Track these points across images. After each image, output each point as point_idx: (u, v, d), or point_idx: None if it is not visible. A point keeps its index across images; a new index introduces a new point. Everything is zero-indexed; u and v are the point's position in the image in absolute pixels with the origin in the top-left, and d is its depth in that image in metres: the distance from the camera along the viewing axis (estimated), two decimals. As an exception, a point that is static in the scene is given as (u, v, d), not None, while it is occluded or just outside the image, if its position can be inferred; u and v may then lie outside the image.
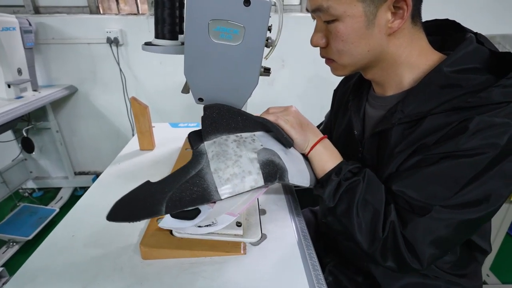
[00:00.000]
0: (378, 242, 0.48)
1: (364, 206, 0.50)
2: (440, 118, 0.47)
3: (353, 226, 0.50)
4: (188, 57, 0.44)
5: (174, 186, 0.47)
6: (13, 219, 1.65)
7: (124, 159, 0.88)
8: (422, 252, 0.46)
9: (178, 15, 0.56)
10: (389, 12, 0.47)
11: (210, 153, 0.51)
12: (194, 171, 0.49)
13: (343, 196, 0.51)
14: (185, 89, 0.58)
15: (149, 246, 0.52)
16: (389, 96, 0.57)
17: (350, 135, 0.64)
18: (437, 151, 0.45)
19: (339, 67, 0.56)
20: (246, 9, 0.40)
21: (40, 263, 0.52)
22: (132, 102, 0.89)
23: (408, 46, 0.51)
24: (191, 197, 0.46)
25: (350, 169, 0.53)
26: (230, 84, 0.46)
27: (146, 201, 0.46)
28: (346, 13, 0.47)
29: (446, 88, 0.47)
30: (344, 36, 0.49)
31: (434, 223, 0.45)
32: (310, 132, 0.58)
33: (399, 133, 0.52)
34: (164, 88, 1.91)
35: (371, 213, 0.49)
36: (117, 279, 0.49)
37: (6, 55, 1.45)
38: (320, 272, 0.53)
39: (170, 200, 0.46)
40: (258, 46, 0.43)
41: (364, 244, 0.49)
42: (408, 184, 0.48)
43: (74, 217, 0.63)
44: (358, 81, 0.67)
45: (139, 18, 1.75)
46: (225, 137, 0.53)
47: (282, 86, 1.86)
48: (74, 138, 2.06)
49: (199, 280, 0.49)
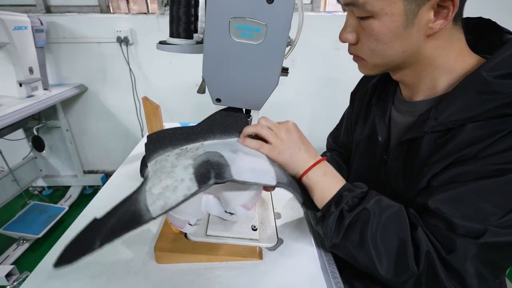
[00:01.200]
0: (411, 277, 0.42)
1: (382, 236, 0.44)
2: (481, 127, 0.42)
3: (372, 262, 0.44)
4: (207, 56, 0.43)
5: (112, 217, 0.43)
6: (23, 217, 1.66)
7: (135, 159, 0.87)
8: (471, 280, 0.40)
9: (194, 14, 0.55)
10: (432, 12, 0.42)
11: (151, 173, 0.47)
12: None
13: (349, 230, 0.46)
14: (201, 89, 0.57)
15: (164, 250, 0.51)
16: (419, 101, 0.52)
17: (374, 142, 0.60)
18: (487, 164, 0.40)
19: (369, 66, 0.51)
20: (269, 6, 0.38)
21: (53, 265, 0.51)
22: (144, 101, 0.88)
23: (446, 47, 0.47)
24: (122, 223, 0.40)
25: (354, 196, 0.47)
26: (250, 84, 0.45)
27: (84, 240, 0.43)
28: (384, 11, 0.43)
29: (485, 94, 0.42)
30: (378, 35, 0.45)
31: (487, 247, 0.39)
32: (303, 155, 0.52)
33: (431, 142, 0.47)
34: (174, 88, 1.90)
35: (395, 244, 0.44)
36: (131, 283, 0.48)
37: (18, 54, 1.46)
38: (340, 279, 0.51)
39: (105, 232, 0.41)
40: (280, 45, 0.41)
41: (391, 276, 0.44)
42: (450, 201, 0.42)
43: (87, 217, 0.62)
44: (382, 82, 0.63)
45: (149, 18, 1.74)
46: (168, 153, 0.50)
47: (292, 86, 1.84)
48: (84, 137, 2.07)
49: (216, 286, 0.47)
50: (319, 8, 1.78)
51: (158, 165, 0.48)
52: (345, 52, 0.55)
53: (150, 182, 0.44)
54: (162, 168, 0.46)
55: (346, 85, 1.89)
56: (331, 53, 1.76)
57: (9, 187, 1.71)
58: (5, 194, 1.68)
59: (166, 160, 0.48)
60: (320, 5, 1.77)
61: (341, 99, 0.88)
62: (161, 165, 0.47)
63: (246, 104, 0.49)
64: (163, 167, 0.46)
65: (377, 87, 0.64)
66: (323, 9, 1.81)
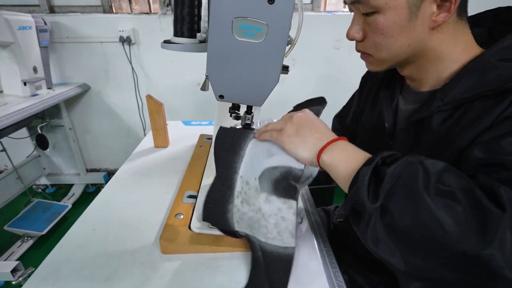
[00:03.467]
0: (496, 224, 0.30)
1: (439, 186, 0.33)
2: (488, 101, 0.43)
3: (437, 222, 0.31)
4: (211, 54, 0.45)
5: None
6: (27, 214, 1.69)
7: (139, 156, 0.89)
8: None
9: (197, 14, 0.57)
10: (435, 5, 0.44)
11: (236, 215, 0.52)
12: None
13: (395, 185, 0.35)
14: (204, 87, 0.59)
15: (169, 240, 0.53)
16: (425, 91, 0.54)
17: (380, 128, 0.61)
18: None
19: (376, 62, 0.53)
20: (270, 6, 0.40)
21: (62, 256, 0.53)
22: (148, 99, 0.90)
23: (451, 41, 0.48)
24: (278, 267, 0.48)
25: (386, 154, 0.39)
26: (251, 81, 0.46)
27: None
28: (388, 5, 0.44)
29: (493, 71, 0.43)
30: (384, 29, 0.47)
31: None
32: (312, 138, 0.47)
33: (441, 120, 0.48)
34: (175, 87, 1.92)
35: (461, 193, 0.33)
36: (138, 272, 0.50)
37: (22, 53, 1.48)
38: (338, 269, 0.53)
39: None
40: (281, 43, 0.43)
41: (468, 241, 0.30)
42: (498, 150, 0.38)
43: (93, 212, 0.65)
44: (390, 73, 0.64)
45: (151, 17, 1.76)
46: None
47: (292, 85, 1.86)
48: (87, 136, 2.09)
49: (219, 275, 0.49)
50: (319, 8, 1.80)
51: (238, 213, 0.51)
52: (344, 51, 0.57)
53: (260, 237, 0.49)
54: (251, 223, 0.50)
55: (345, 84, 1.91)
56: (331, 52, 1.78)
57: (13, 185, 1.73)
58: (9, 192, 1.71)
59: (245, 213, 0.51)
60: (320, 5, 1.79)
61: (341, 97, 0.90)
62: (245, 218, 0.51)
63: (248, 101, 0.50)
64: (254, 222, 0.49)
65: (386, 77, 0.65)
66: (323, 9, 1.83)
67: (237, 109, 0.55)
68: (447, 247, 0.32)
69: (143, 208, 0.65)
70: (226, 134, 0.53)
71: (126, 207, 0.66)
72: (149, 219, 0.62)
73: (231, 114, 0.55)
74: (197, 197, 0.65)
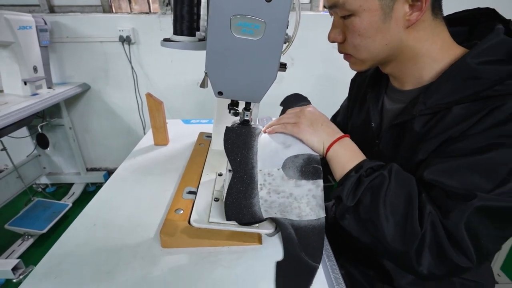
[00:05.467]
0: (414, 237, 0.43)
1: (392, 199, 0.45)
2: (466, 108, 0.45)
3: (380, 223, 0.45)
4: (210, 51, 0.46)
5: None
6: (27, 213, 1.70)
7: (139, 154, 0.90)
8: (466, 245, 0.41)
9: (196, 13, 0.58)
10: (407, 5, 0.47)
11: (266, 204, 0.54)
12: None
13: (365, 193, 0.47)
14: (203, 84, 0.60)
15: (169, 234, 0.54)
16: (408, 90, 0.56)
17: (367, 127, 0.64)
18: (473, 142, 0.43)
19: (358, 62, 0.56)
20: (267, 4, 0.41)
21: (64, 251, 0.54)
22: (148, 98, 0.91)
23: (429, 39, 0.50)
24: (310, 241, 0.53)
25: (371, 166, 0.49)
26: (250, 78, 0.47)
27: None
28: (362, 8, 0.47)
29: (470, 80, 0.46)
30: (360, 30, 0.49)
31: (477, 212, 0.41)
32: (325, 132, 0.55)
33: (421, 124, 0.51)
34: (175, 86, 1.93)
35: (403, 205, 0.45)
36: (138, 266, 0.51)
37: (22, 53, 1.49)
38: (335, 262, 0.54)
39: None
40: (278, 41, 0.44)
41: (395, 242, 0.44)
42: (443, 172, 0.44)
43: (93, 208, 0.66)
44: (376, 72, 0.66)
45: (150, 17, 1.77)
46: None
47: (291, 84, 1.87)
48: (87, 135, 2.10)
49: (219, 268, 0.50)
50: (317, 8, 1.81)
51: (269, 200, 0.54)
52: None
53: (293, 217, 0.54)
54: (282, 208, 0.54)
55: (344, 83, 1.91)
56: (330, 51, 1.79)
57: (13, 184, 1.74)
58: (10, 191, 1.72)
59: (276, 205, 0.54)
60: (319, 5, 1.80)
61: (339, 96, 0.91)
62: (280, 204, 0.54)
63: (246, 97, 0.51)
64: (285, 206, 0.54)
65: (372, 77, 0.67)
66: (322, 9, 1.84)
67: (235, 106, 0.56)
68: (384, 244, 0.46)
69: (143, 204, 0.66)
70: (233, 132, 0.55)
71: (127, 203, 0.67)
72: (149, 214, 0.63)
73: (230, 111, 0.56)
74: (196, 193, 0.66)
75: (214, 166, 0.77)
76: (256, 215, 0.54)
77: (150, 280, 0.48)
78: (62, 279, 0.48)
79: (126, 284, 0.47)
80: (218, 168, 0.75)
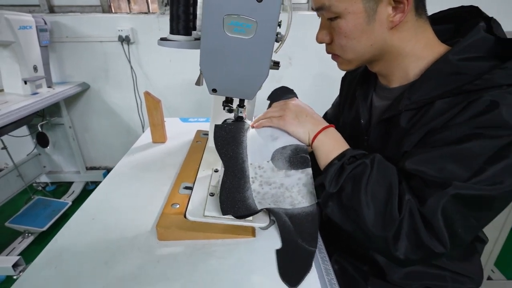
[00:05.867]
0: (393, 223, 0.44)
1: (374, 187, 0.46)
2: (447, 102, 0.48)
3: (361, 210, 0.46)
4: (204, 50, 0.47)
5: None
6: (28, 211, 1.71)
7: (137, 151, 0.92)
8: (441, 232, 0.43)
9: (192, 12, 0.60)
10: (390, 7, 0.48)
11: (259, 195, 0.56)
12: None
13: (347, 180, 0.49)
14: (198, 82, 0.62)
15: (165, 227, 0.55)
16: (395, 88, 0.58)
17: (357, 124, 0.66)
18: (453, 132, 0.45)
19: (345, 62, 0.58)
20: (258, 4, 0.43)
21: (64, 243, 0.56)
22: (146, 96, 0.93)
23: (412, 38, 0.52)
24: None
25: (354, 154, 0.51)
26: (242, 75, 0.49)
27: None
28: (347, 10, 0.49)
29: (452, 75, 0.48)
30: (346, 32, 0.51)
31: (453, 199, 0.42)
32: (309, 123, 0.57)
33: (408, 118, 0.53)
34: (174, 85, 1.95)
35: (384, 193, 0.46)
36: (135, 257, 0.52)
37: (23, 52, 1.51)
38: (326, 254, 0.55)
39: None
40: (269, 39, 0.45)
41: (376, 228, 0.46)
42: (423, 162, 0.46)
43: (92, 203, 0.67)
44: (365, 70, 0.68)
45: (149, 17, 1.79)
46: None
47: (289, 83, 1.86)
48: (86, 134, 2.12)
49: (212, 259, 0.52)
50: (315, 8, 1.83)
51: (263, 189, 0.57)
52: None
53: (286, 206, 0.56)
54: (275, 198, 0.56)
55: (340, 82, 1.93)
56: (327, 51, 1.81)
57: (14, 182, 1.76)
58: (10, 189, 1.73)
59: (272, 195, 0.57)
60: (316, 5, 1.82)
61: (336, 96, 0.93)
62: (272, 194, 0.56)
63: (240, 94, 0.53)
64: (278, 196, 0.56)
65: (362, 75, 0.69)
66: (319, 9, 1.86)
67: (230, 103, 0.58)
68: (364, 230, 0.47)
69: (141, 199, 0.68)
70: (222, 130, 0.57)
71: (125, 198, 0.69)
72: (147, 208, 0.64)
73: (224, 107, 0.58)
74: (192, 188, 0.67)
75: (210, 163, 0.78)
76: (251, 207, 0.55)
77: (146, 270, 0.50)
78: (61, 269, 0.50)
79: (123, 274, 0.49)
80: (214, 164, 0.77)
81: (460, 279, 0.61)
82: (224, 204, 0.55)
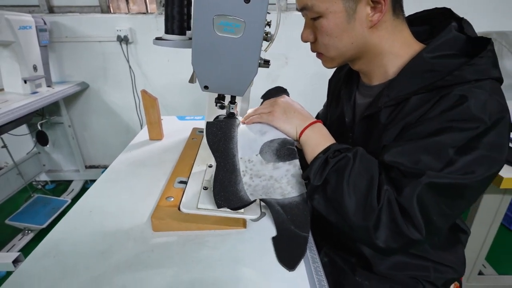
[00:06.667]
0: (372, 213, 0.47)
1: (356, 179, 0.49)
2: (422, 98, 0.51)
3: (344, 201, 0.48)
4: (195, 49, 0.50)
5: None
6: (27, 209, 1.74)
7: (134, 148, 0.94)
8: (417, 219, 0.45)
9: (186, 13, 0.62)
10: (369, 7, 0.51)
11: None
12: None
13: (331, 173, 0.51)
14: (192, 79, 0.64)
15: (160, 219, 0.58)
16: (375, 85, 0.61)
17: (342, 122, 0.69)
18: (426, 126, 0.48)
19: (328, 60, 0.60)
20: (246, 5, 0.45)
21: (62, 234, 0.58)
22: (143, 94, 0.95)
23: (390, 37, 0.55)
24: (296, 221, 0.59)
25: (338, 148, 0.54)
26: (232, 73, 0.51)
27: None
28: (328, 10, 0.52)
29: (426, 73, 0.51)
30: (328, 31, 0.54)
31: (427, 188, 0.45)
32: (297, 119, 0.59)
33: (387, 114, 0.55)
34: (171, 84, 1.97)
35: (365, 185, 0.48)
36: (131, 247, 0.55)
37: (23, 52, 1.53)
38: (314, 244, 0.58)
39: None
40: (257, 38, 0.48)
41: (357, 217, 0.48)
42: (400, 154, 0.48)
43: (90, 197, 0.70)
44: (349, 70, 0.71)
45: (148, 17, 1.81)
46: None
47: (285, 83, 1.89)
48: (85, 133, 2.14)
49: (204, 249, 0.54)
50: (311, 8, 1.85)
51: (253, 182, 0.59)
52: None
53: (277, 196, 0.59)
54: (266, 189, 0.59)
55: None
56: (323, 51, 1.83)
57: (13, 180, 1.78)
58: (10, 187, 1.76)
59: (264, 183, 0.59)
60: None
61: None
62: (263, 186, 0.59)
63: (230, 91, 0.55)
64: (268, 188, 0.59)
65: (346, 75, 0.72)
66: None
67: (222, 100, 0.60)
68: (347, 220, 0.50)
69: (137, 193, 0.70)
70: (213, 126, 0.59)
71: (122, 192, 0.71)
72: (143, 202, 0.67)
73: (216, 104, 0.60)
74: (187, 182, 0.70)
75: (205, 158, 0.81)
76: (244, 199, 0.58)
77: (141, 258, 0.52)
78: (60, 258, 0.52)
79: (119, 262, 0.51)
80: (209, 160, 0.79)
81: (442, 269, 0.63)
82: (218, 198, 0.57)
